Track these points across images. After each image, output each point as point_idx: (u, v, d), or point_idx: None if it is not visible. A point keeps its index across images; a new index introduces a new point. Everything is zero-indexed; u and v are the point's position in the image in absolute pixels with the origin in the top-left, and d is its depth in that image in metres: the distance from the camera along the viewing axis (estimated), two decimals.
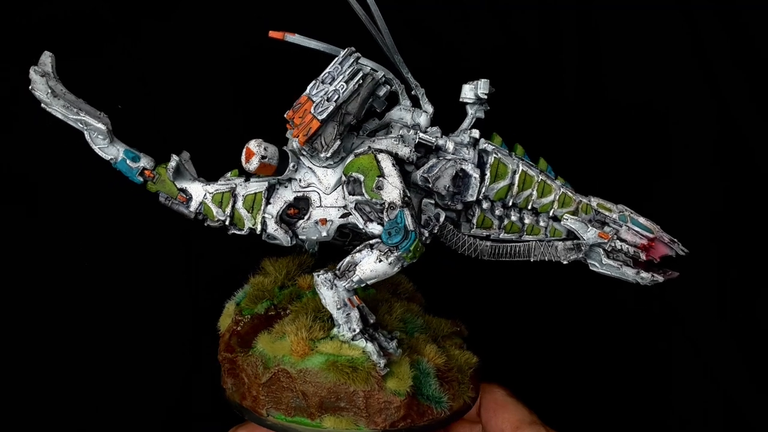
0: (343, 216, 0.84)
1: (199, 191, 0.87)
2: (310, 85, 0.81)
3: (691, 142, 1.17)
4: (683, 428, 1.19)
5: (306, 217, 0.85)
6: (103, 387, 1.15)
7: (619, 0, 1.16)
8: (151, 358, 1.16)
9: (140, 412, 1.17)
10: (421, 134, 0.84)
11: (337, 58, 0.81)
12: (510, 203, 0.86)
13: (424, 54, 1.17)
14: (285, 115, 0.82)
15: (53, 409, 1.14)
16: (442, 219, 0.85)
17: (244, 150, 0.82)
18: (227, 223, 0.87)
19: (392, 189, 0.80)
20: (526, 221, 0.86)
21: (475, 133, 0.85)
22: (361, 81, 0.80)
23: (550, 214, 0.86)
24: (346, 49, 0.81)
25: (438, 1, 1.17)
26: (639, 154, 1.17)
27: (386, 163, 0.81)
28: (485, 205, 0.86)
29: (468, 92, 0.85)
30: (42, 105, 0.80)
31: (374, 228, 0.81)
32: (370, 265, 0.79)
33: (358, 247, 0.80)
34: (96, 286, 1.15)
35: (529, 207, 0.86)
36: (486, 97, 0.84)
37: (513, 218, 0.86)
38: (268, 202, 0.86)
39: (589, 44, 1.17)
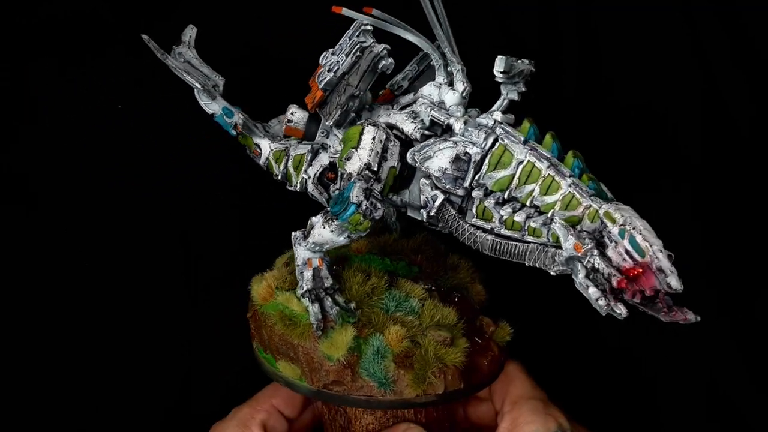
0: None
1: (266, 147, 0.93)
2: (322, 55, 0.84)
3: (691, 143, 1.17)
4: (683, 428, 1.19)
5: (336, 182, 0.89)
6: (103, 387, 1.15)
7: (619, 0, 1.16)
8: (151, 358, 1.16)
9: (140, 412, 1.17)
10: (434, 112, 0.83)
11: (348, 31, 0.82)
12: (508, 196, 0.79)
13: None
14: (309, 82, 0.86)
15: (53, 409, 1.14)
16: (438, 202, 0.82)
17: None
18: (281, 178, 0.93)
19: (357, 161, 0.82)
20: (517, 219, 0.78)
21: (497, 115, 0.81)
22: (359, 54, 0.81)
23: (549, 215, 0.76)
24: (356, 22, 0.82)
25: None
26: (639, 154, 1.17)
27: (367, 136, 0.82)
28: (476, 193, 0.80)
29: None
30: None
31: None
32: (318, 229, 0.81)
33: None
34: (96, 285, 1.15)
35: (530, 204, 0.78)
36: (502, 75, 0.81)
37: (505, 213, 0.79)
38: (309, 164, 0.90)
39: (589, 44, 1.17)
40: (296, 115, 0.90)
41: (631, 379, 1.21)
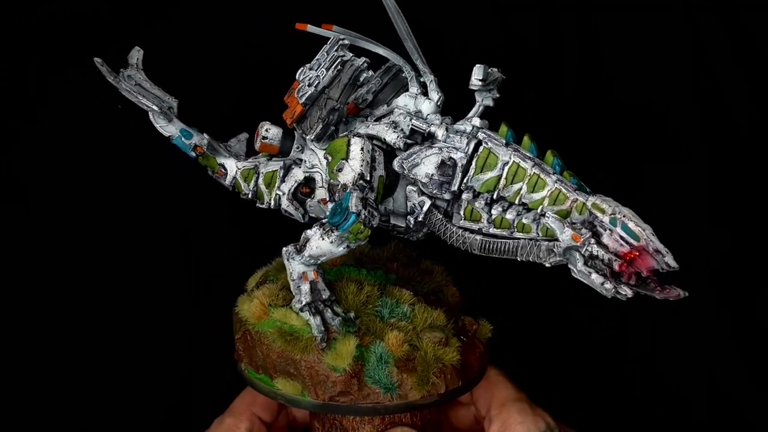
0: None
1: (233, 167, 0.92)
2: (299, 71, 0.85)
3: (691, 142, 1.17)
4: (682, 428, 1.19)
5: (312, 197, 0.89)
6: (103, 387, 1.16)
7: (619, 0, 1.16)
8: (151, 358, 1.17)
9: (141, 411, 1.17)
10: (414, 121, 0.84)
11: (325, 46, 0.83)
12: (497, 196, 0.82)
13: (423, 54, 1.17)
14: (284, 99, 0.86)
15: (53, 409, 1.15)
16: (426, 207, 0.83)
17: (256, 131, 0.90)
18: (250, 197, 0.92)
19: (349, 172, 0.82)
20: (507, 216, 0.80)
21: (476, 121, 0.83)
22: (340, 67, 0.83)
23: (539, 211, 0.79)
24: (332, 37, 0.83)
25: (438, 1, 1.17)
26: (639, 154, 1.18)
27: (355, 147, 0.83)
28: (465, 195, 0.82)
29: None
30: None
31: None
32: (316, 242, 0.81)
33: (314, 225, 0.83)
34: (96, 285, 1.16)
35: (518, 202, 0.81)
36: (481, 83, 0.82)
37: (495, 212, 0.81)
38: (283, 180, 0.90)
39: (589, 44, 1.17)
40: (271, 131, 0.89)
41: (629, 378, 1.21)
